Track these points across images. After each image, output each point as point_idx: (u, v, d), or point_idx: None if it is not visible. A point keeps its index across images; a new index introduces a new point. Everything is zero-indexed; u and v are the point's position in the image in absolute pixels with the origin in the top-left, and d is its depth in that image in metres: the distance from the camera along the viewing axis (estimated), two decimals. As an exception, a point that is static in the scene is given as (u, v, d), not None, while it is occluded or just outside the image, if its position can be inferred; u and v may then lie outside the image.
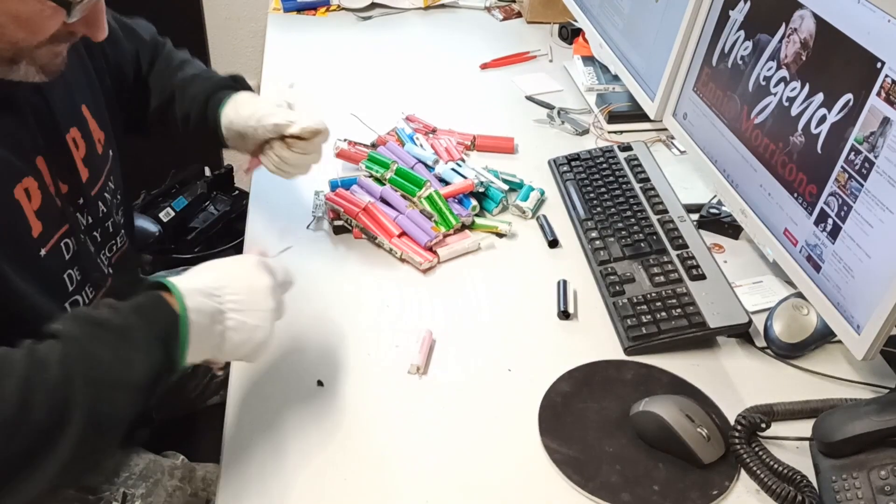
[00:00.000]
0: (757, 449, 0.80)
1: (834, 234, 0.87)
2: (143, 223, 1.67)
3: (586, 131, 1.39)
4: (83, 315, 0.69)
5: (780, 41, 0.97)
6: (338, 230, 1.11)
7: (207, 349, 0.72)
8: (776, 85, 0.98)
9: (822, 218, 0.89)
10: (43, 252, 0.80)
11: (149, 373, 0.67)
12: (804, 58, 0.93)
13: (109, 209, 0.94)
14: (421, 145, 1.26)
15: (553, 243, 1.11)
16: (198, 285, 0.72)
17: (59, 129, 0.85)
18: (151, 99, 1.08)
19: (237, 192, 1.86)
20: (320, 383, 0.87)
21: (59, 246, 0.82)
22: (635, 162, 1.21)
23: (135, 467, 0.95)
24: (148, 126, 1.11)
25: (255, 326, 0.74)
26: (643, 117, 1.34)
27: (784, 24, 0.96)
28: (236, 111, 1.02)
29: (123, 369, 0.65)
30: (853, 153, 0.84)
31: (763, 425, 0.81)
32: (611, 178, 1.19)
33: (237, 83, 1.07)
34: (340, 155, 1.23)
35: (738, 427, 0.81)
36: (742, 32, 1.05)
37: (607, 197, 1.15)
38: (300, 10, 1.81)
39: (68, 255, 0.83)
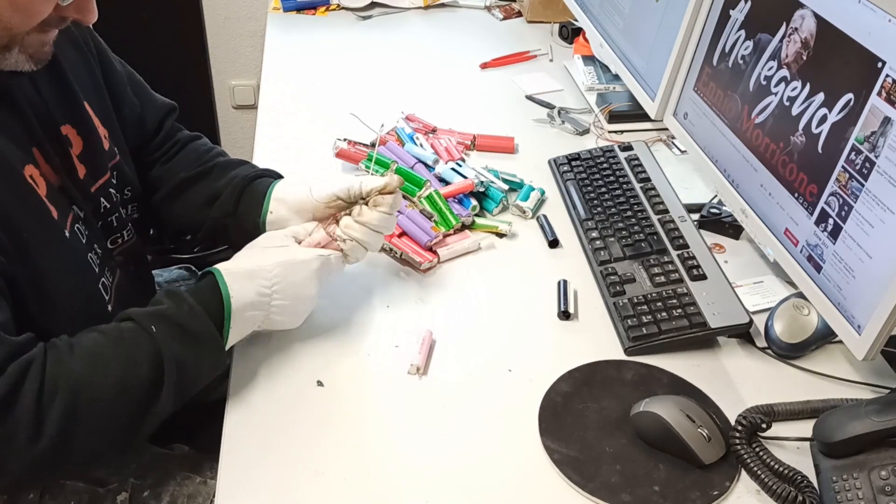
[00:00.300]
0: (757, 449, 0.80)
1: (835, 234, 0.87)
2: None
3: (587, 131, 1.39)
4: (166, 315, 0.79)
5: (781, 41, 0.97)
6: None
7: (240, 338, 0.85)
8: (777, 84, 0.98)
9: (823, 218, 0.89)
10: (66, 233, 0.84)
11: (211, 375, 0.83)
12: (805, 57, 0.93)
13: (115, 205, 0.96)
14: (421, 145, 1.26)
15: (553, 243, 1.11)
16: (250, 296, 0.82)
17: (55, 122, 0.87)
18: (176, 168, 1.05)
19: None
20: (320, 383, 0.87)
21: (75, 230, 0.86)
22: (636, 162, 1.21)
23: (143, 458, 0.96)
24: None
25: (284, 323, 0.88)
26: (644, 117, 1.34)
27: (785, 24, 0.96)
28: (290, 189, 0.96)
29: (196, 371, 0.80)
30: (854, 153, 0.84)
31: (764, 425, 0.81)
32: (611, 178, 1.18)
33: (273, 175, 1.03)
34: (340, 155, 1.23)
35: (739, 427, 0.81)
36: (743, 32, 1.05)
37: (608, 197, 1.15)
38: (300, 9, 1.81)
39: (84, 240, 0.87)
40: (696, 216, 1.14)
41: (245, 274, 0.83)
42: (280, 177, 1.03)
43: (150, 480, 0.93)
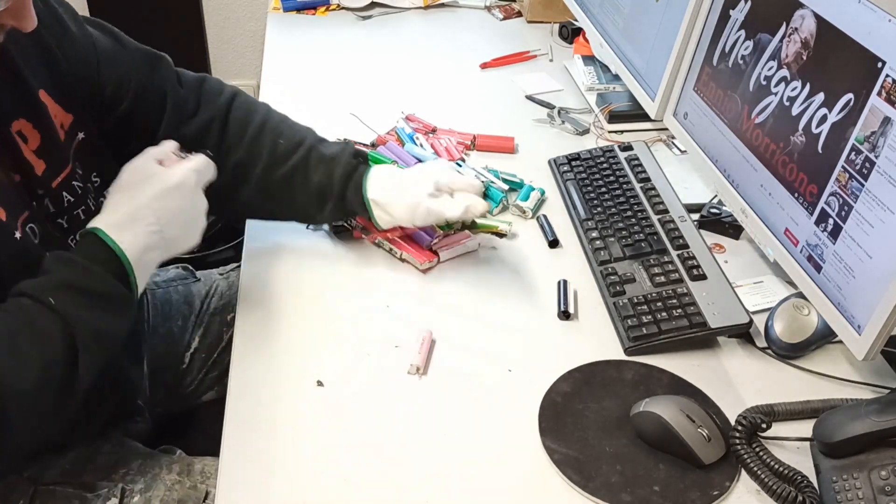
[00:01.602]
0: (757, 449, 0.80)
1: (835, 234, 0.87)
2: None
3: (587, 131, 1.39)
4: (70, 283, 0.76)
5: (781, 41, 0.97)
6: (337, 230, 1.10)
7: (152, 262, 0.83)
8: (777, 84, 0.98)
9: (823, 218, 0.89)
10: (17, 235, 0.80)
11: (127, 323, 0.81)
12: (805, 57, 0.93)
13: (81, 196, 0.91)
14: (421, 145, 1.26)
15: (553, 243, 1.11)
16: (140, 241, 0.80)
17: (4, 119, 0.82)
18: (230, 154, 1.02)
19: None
20: (320, 383, 0.87)
21: (27, 231, 0.82)
22: (636, 162, 1.21)
23: (132, 463, 0.95)
24: None
25: (189, 242, 0.87)
26: (644, 117, 1.34)
27: (785, 24, 0.96)
28: (390, 202, 0.99)
29: (112, 325, 0.79)
30: (854, 153, 0.84)
31: (764, 425, 0.81)
32: (611, 178, 1.18)
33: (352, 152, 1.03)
34: (340, 155, 1.23)
35: (739, 427, 0.81)
36: (743, 32, 1.05)
37: (608, 197, 1.15)
38: (300, 9, 1.81)
39: (37, 240, 0.83)
40: (696, 216, 1.14)
41: (127, 220, 0.80)
42: (363, 158, 1.03)
43: (139, 485, 0.92)
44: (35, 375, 0.72)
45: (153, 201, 0.81)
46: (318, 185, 1.00)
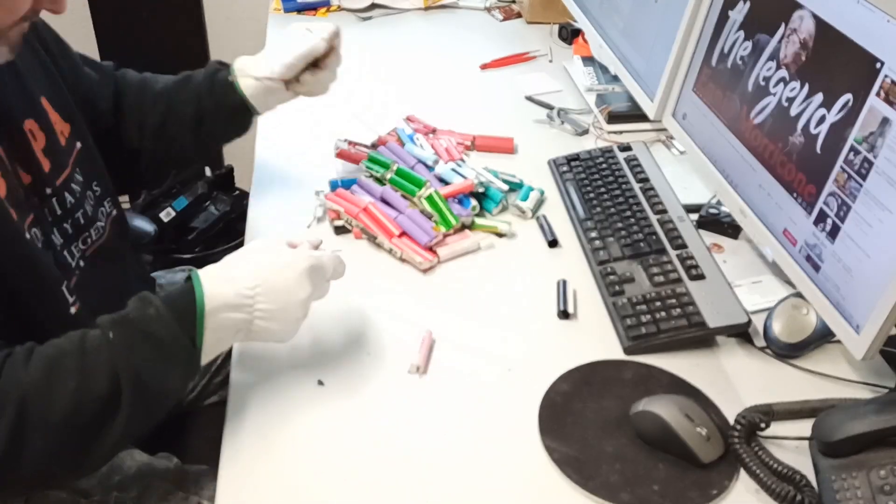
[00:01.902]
0: (756, 448, 0.80)
1: (833, 234, 0.87)
2: (140, 223, 1.67)
3: (586, 131, 1.39)
4: (130, 319, 0.73)
5: (780, 41, 0.97)
6: (338, 230, 1.11)
7: (223, 348, 0.79)
8: (775, 85, 0.98)
9: (822, 218, 0.89)
10: (27, 236, 0.81)
11: (183, 385, 0.77)
12: (803, 58, 0.93)
13: (79, 200, 0.92)
14: (421, 145, 1.26)
15: (553, 243, 1.11)
16: (228, 297, 0.75)
17: (18, 118, 0.85)
18: (142, 126, 1.08)
19: (238, 192, 1.86)
20: (320, 383, 0.87)
21: (33, 233, 0.82)
22: (635, 162, 1.21)
23: (128, 470, 0.95)
24: (144, 166, 1.10)
25: (276, 331, 0.79)
26: (643, 117, 1.34)
27: (783, 25, 0.96)
28: (252, 69, 1.07)
29: (163, 382, 0.74)
30: (852, 153, 0.85)
31: (762, 425, 0.81)
32: (610, 179, 1.19)
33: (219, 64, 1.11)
34: (340, 155, 1.23)
35: (738, 427, 0.81)
36: (741, 33, 1.05)
37: (607, 197, 1.15)
38: (301, 10, 1.81)
39: (40, 244, 0.83)
40: (694, 216, 1.14)
41: (225, 276, 0.77)
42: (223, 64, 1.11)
43: (132, 493, 0.93)
44: (67, 403, 0.69)
45: (260, 268, 0.78)
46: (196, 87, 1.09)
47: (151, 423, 0.75)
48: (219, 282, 0.76)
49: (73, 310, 0.86)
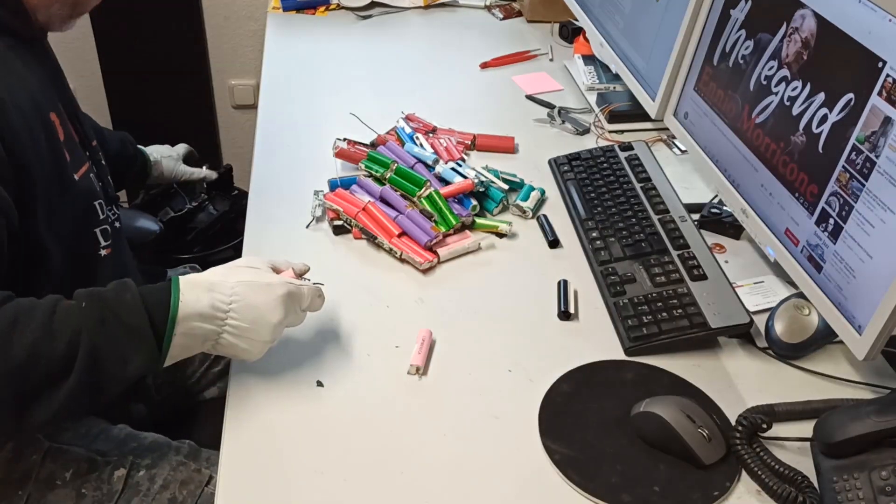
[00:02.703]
0: (758, 449, 0.80)
1: (835, 234, 0.87)
2: (144, 222, 1.67)
3: (587, 131, 1.39)
4: (105, 296, 0.75)
5: (782, 40, 0.97)
6: (337, 230, 1.10)
7: (186, 356, 0.80)
8: (777, 84, 0.98)
9: (824, 218, 0.89)
10: (76, 176, 0.90)
11: (138, 373, 0.76)
12: (805, 57, 0.93)
13: (101, 170, 1.02)
14: (421, 145, 1.26)
15: (553, 243, 1.11)
16: (202, 307, 0.77)
17: (65, 86, 0.99)
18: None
19: (237, 192, 1.86)
20: (320, 383, 0.87)
21: (88, 176, 0.93)
22: (636, 161, 1.20)
23: (144, 440, 0.99)
24: None
25: (243, 350, 0.81)
26: (644, 117, 1.34)
27: (785, 24, 0.96)
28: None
29: (120, 366, 0.74)
30: (854, 153, 0.84)
31: (764, 426, 0.81)
32: (611, 178, 1.18)
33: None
34: (340, 154, 1.23)
35: (739, 427, 0.81)
36: (743, 31, 1.05)
37: (608, 197, 1.15)
38: (300, 9, 1.81)
39: (98, 188, 0.95)
40: (696, 216, 1.13)
41: (204, 285, 0.78)
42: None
43: (146, 461, 0.95)
44: (21, 353, 0.70)
45: (237, 284, 0.79)
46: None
47: (95, 404, 0.76)
48: (197, 290, 0.78)
49: (102, 253, 0.95)
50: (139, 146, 1.42)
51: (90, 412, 0.80)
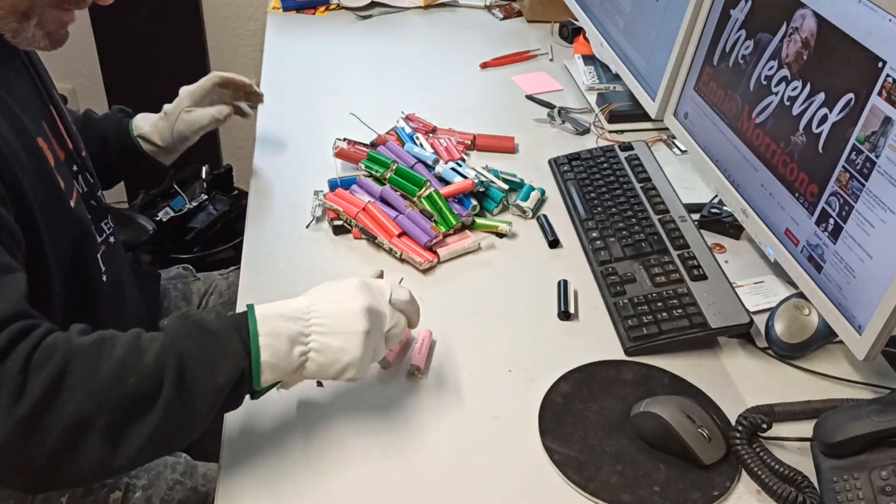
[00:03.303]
0: (758, 449, 0.80)
1: (835, 234, 0.87)
2: (137, 222, 1.67)
3: (587, 131, 1.39)
4: (188, 314, 0.73)
5: (782, 40, 0.97)
6: (337, 230, 1.10)
7: (285, 371, 0.73)
8: (777, 84, 0.98)
9: (824, 218, 0.89)
10: (72, 203, 0.87)
11: (230, 379, 0.70)
12: (805, 57, 0.93)
13: (92, 186, 0.99)
14: (421, 145, 1.26)
15: (553, 243, 1.11)
16: (282, 309, 0.74)
17: (51, 96, 0.94)
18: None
19: (236, 192, 1.86)
20: (320, 383, 0.87)
21: (80, 202, 0.90)
22: (636, 161, 1.20)
23: None
24: None
25: (339, 349, 0.74)
26: (644, 117, 1.34)
27: (785, 24, 0.96)
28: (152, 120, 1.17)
29: (210, 371, 0.70)
30: (854, 153, 0.84)
31: (764, 426, 0.81)
32: (611, 178, 1.18)
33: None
34: (340, 154, 1.23)
35: (739, 427, 0.81)
36: (743, 31, 1.05)
37: (608, 197, 1.15)
38: (299, 9, 1.81)
39: (90, 215, 0.92)
40: (696, 216, 1.13)
41: (276, 304, 0.76)
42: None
43: (142, 481, 0.94)
44: (113, 367, 0.67)
45: (308, 294, 0.77)
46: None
47: (186, 432, 0.71)
48: (271, 305, 0.75)
49: (104, 278, 0.94)
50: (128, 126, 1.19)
51: (180, 447, 0.73)
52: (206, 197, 1.78)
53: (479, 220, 1.13)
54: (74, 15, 0.83)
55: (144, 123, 1.16)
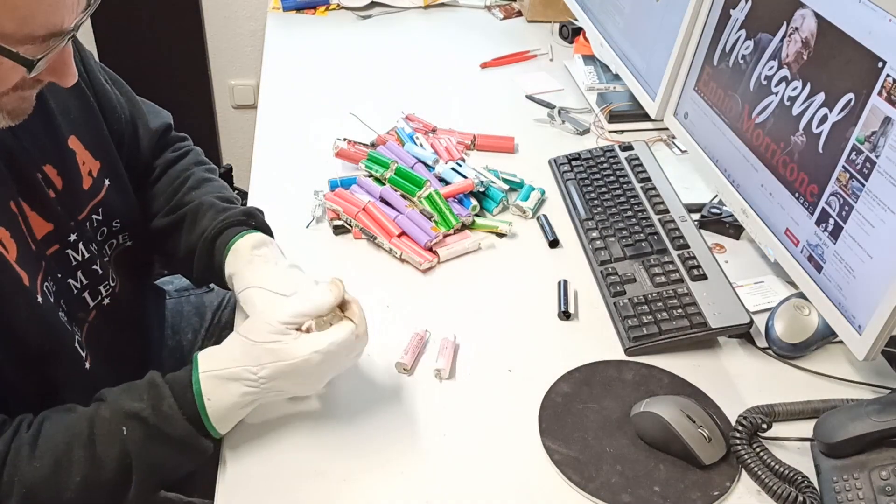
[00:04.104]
0: (758, 449, 0.80)
1: (835, 234, 0.87)
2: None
3: (587, 131, 1.39)
4: (148, 422, 0.73)
5: (782, 40, 0.97)
6: (337, 230, 1.10)
7: (231, 419, 0.78)
8: (777, 84, 0.98)
9: (824, 218, 0.89)
10: (39, 299, 0.78)
11: (196, 465, 0.77)
12: (805, 57, 0.93)
13: (100, 243, 0.91)
14: (421, 145, 1.26)
15: (553, 243, 1.11)
16: (230, 399, 0.75)
17: (33, 166, 0.81)
18: (153, 205, 1.01)
19: (237, 192, 1.85)
20: (320, 384, 0.87)
21: (45, 289, 0.80)
22: (636, 161, 1.20)
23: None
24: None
25: (293, 386, 0.78)
26: (644, 117, 1.34)
27: (785, 24, 0.96)
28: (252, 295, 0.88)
29: (175, 470, 0.76)
30: (854, 153, 0.84)
31: (764, 426, 0.81)
32: (611, 178, 1.18)
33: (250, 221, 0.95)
34: (340, 154, 1.23)
35: (739, 427, 0.81)
36: (743, 31, 1.05)
37: (608, 197, 1.15)
38: (300, 9, 1.81)
39: (52, 298, 0.81)
40: (696, 216, 1.13)
41: (227, 377, 0.75)
42: (247, 223, 0.95)
43: None
44: (75, 493, 0.70)
45: (265, 377, 0.74)
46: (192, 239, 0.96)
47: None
48: (220, 386, 0.75)
49: (87, 365, 0.84)
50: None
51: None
52: None
53: (479, 221, 1.13)
54: (36, 91, 0.74)
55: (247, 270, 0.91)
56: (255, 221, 0.95)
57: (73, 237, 0.85)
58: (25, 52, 0.65)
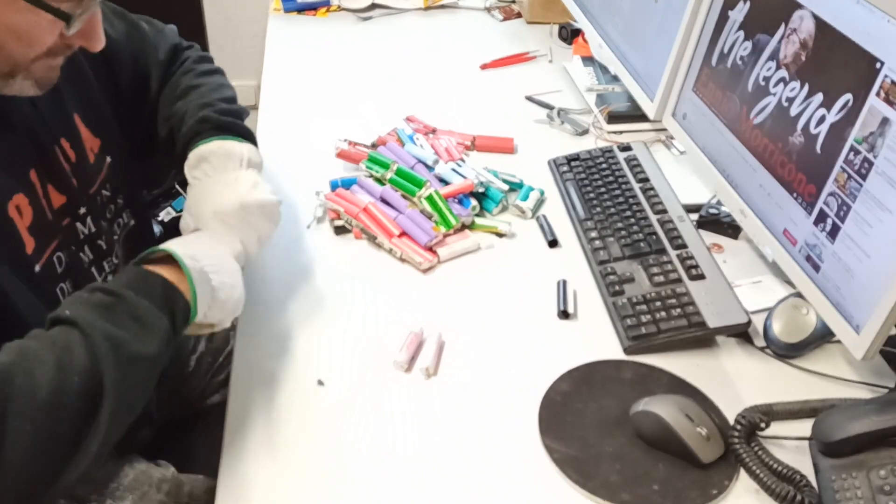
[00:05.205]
0: (756, 448, 0.80)
1: (833, 234, 0.87)
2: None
3: (586, 131, 1.39)
4: (88, 301, 0.71)
5: (780, 41, 0.97)
6: (338, 230, 1.11)
7: (204, 307, 0.77)
8: (775, 85, 0.98)
9: (822, 218, 0.89)
10: (37, 268, 0.78)
11: (161, 344, 0.72)
12: (803, 58, 0.93)
13: (109, 220, 0.92)
14: (421, 145, 1.26)
15: (553, 243, 1.11)
16: (185, 251, 0.77)
17: (51, 139, 0.83)
18: (159, 128, 1.02)
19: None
20: (321, 383, 0.87)
21: (52, 260, 0.80)
22: (635, 162, 1.21)
23: (124, 478, 0.93)
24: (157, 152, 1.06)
25: (231, 285, 0.81)
26: (643, 117, 1.34)
27: (783, 25, 0.97)
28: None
29: (142, 346, 0.70)
30: (852, 153, 0.85)
31: (762, 425, 0.81)
32: (610, 179, 1.19)
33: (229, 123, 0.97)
34: (340, 155, 1.23)
35: (738, 427, 0.81)
36: (741, 33, 1.05)
37: (607, 197, 1.15)
38: (300, 10, 1.81)
39: (61, 269, 0.82)
40: (694, 216, 1.14)
41: (172, 244, 0.79)
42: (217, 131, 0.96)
43: (126, 502, 0.91)
44: (50, 373, 0.64)
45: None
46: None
47: (140, 397, 0.71)
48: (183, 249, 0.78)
49: None
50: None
51: (137, 413, 0.72)
52: None
53: (478, 221, 1.13)
54: (63, 59, 0.77)
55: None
56: (210, 124, 0.95)
57: (82, 210, 0.87)
58: (64, 8, 0.69)
